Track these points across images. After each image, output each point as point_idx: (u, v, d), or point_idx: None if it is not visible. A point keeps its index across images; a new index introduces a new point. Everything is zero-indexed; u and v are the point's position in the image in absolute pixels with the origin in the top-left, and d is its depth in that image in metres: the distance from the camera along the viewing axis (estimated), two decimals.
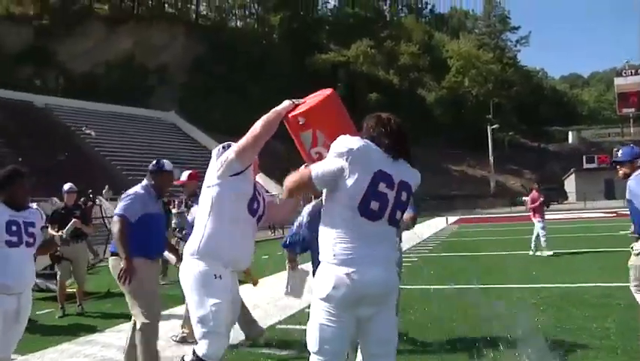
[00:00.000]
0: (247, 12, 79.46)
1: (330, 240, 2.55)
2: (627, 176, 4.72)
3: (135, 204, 4.24)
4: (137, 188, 4.39)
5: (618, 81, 65.29)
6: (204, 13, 75.82)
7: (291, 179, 2.73)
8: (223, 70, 59.85)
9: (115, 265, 4.24)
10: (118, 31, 60.49)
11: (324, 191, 2.68)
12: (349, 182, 2.50)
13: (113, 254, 4.34)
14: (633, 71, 64.30)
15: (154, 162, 4.57)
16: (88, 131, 38.30)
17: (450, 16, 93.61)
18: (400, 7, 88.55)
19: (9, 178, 3.70)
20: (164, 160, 4.59)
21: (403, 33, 76.28)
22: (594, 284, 8.16)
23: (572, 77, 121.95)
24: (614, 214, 26.89)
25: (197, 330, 3.10)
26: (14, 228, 3.62)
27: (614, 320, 5.80)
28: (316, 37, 72.79)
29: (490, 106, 67.23)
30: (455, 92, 69.80)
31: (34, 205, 3.98)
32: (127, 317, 4.84)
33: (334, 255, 2.52)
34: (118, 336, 5.99)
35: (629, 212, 4.64)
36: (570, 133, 72.60)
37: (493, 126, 57.17)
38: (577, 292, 7.63)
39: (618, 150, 4.97)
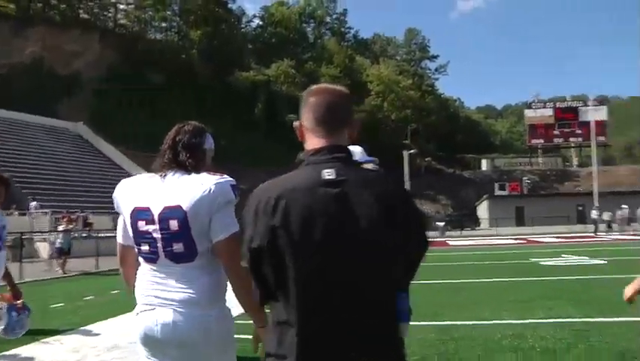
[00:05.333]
0: (168, 25, 77.25)
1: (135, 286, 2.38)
2: None
3: None
4: None
5: (528, 113, 67.83)
6: (123, 22, 72.97)
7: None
8: (138, 82, 57.44)
9: None
10: (26, 34, 56.79)
11: None
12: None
13: None
14: (542, 104, 67.19)
15: None
16: None
17: (372, 42, 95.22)
18: (323, 30, 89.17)
19: None
20: None
21: (324, 55, 76.67)
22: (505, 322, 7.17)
23: (487, 108, 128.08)
24: (525, 241, 27.19)
25: None
26: None
27: None
28: (237, 54, 71.79)
29: (407, 131, 68.27)
30: (374, 116, 70.56)
31: None
32: None
33: (136, 300, 2.34)
34: None
35: None
36: (484, 161, 74.84)
37: (410, 151, 57.77)
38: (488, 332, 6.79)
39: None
